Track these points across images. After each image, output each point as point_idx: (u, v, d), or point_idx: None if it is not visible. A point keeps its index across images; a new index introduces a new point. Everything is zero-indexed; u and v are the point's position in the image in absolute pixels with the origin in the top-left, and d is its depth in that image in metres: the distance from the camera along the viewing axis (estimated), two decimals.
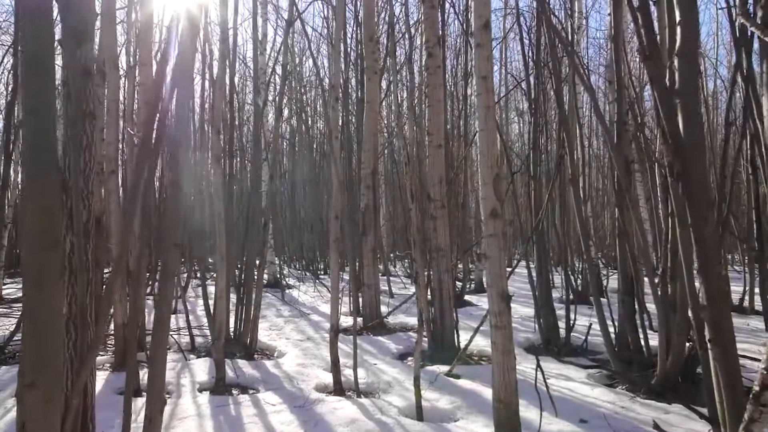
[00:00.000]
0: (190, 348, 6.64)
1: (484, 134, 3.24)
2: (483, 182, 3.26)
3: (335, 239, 4.86)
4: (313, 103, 21.52)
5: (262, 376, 5.32)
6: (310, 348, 6.54)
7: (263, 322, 8.17)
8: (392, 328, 7.95)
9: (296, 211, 19.88)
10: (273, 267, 13.44)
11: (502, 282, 3.22)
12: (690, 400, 4.54)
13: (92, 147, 2.77)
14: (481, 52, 3.18)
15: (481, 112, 3.27)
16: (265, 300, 10.50)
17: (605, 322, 5.12)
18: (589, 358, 6.24)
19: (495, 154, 3.25)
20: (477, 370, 5.53)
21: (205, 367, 5.57)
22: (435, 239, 6.01)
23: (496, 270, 3.22)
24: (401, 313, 8.41)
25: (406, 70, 6.08)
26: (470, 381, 5.10)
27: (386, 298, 10.02)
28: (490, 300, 3.26)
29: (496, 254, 3.22)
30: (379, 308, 8.24)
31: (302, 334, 7.46)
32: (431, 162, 6.03)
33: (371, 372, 5.46)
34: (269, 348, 6.78)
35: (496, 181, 3.23)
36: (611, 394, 4.72)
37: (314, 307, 9.96)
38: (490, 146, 3.24)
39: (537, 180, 5.71)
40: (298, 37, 19.02)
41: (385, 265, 13.99)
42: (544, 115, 6.03)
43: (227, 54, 5.33)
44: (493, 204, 3.23)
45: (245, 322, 6.38)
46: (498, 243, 3.23)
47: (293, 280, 14.27)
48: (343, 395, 4.77)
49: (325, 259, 17.43)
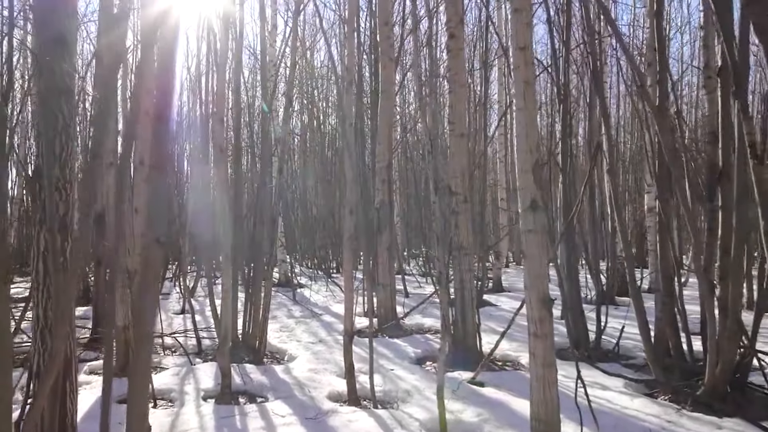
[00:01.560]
0: (196, 351, 6.28)
1: (523, 113, 2.82)
2: (521, 170, 2.84)
3: (349, 237, 4.46)
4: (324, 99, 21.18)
5: (272, 382, 4.94)
6: (323, 351, 6.16)
7: (273, 323, 7.81)
8: (409, 330, 7.55)
9: (308, 208, 19.52)
10: (284, 265, 13.09)
11: (543, 284, 2.80)
12: (743, 413, 4.12)
13: (69, 129, 2.39)
14: (519, 17, 2.75)
15: (518, 88, 2.85)
16: (275, 300, 10.14)
17: (646, 325, 4.67)
18: (622, 363, 5.79)
19: (535, 137, 2.83)
20: (502, 377, 5.12)
21: (212, 372, 5.21)
22: (457, 236, 5.59)
23: (537, 270, 2.80)
24: (417, 314, 8.00)
25: (425, 54, 5.68)
26: (496, 389, 4.69)
27: (401, 298, 9.62)
28: (529, 305, 2.85)
29: (536, 252, 2.80)
30: (394, 309, 7.84)
31: (314, 336, 7.08)
32: (453, 152, 5.61)
33: (388, 379, 5.06)
34: (279, 351, 6.41)
35: (536, 168, 2.81)
36: (654, 405, 4.27)
37: (326, 307, 9.57)
38: (529, 127, 2.81)
39: (568, 172, 5.26)
40: (309, 30, 18.67)
41: (399, 263, 13.58)
42: (576, 101, 5.55)
43: (228, 26, 4.86)
44: (533, 194, 2.81)
45: (254, 324, 6.00)
46: (538, 240, 2.81)
47: (305, 279, 13.90)
48: (359, 405, 4.37)
49: (337, 257, 17.07)
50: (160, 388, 4.74)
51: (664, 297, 5.00)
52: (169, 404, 4.53)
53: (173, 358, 5.90)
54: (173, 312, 9.02)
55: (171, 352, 6.32)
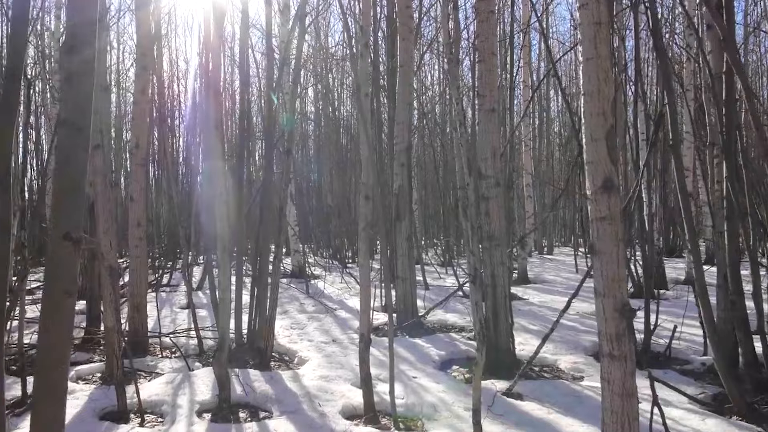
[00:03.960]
0: (197, 352, 5.70)
1: (593, 64, 2.13)
2: (591, 138, 2.15)
3: (366, 225, 3.80)
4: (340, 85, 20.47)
5: (277, 393, 4.32)
6: (336, 354, 5.54)
7: (284, 319, 7.21)
8: (430, 328, 6.90)
9: (323, 196, 18.92)
10: (298, 256, 12.50)
11: (622, 289, 2.12)
12: None
13: None
14: None
15: (587, 32, 2.16)
16: (287, 293, 9.55)
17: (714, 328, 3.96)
18: (676, 368, 5.10)
19: (610, 95, 2.14)
20: (543, 388, 4.44)
21: (210, 379, 4.58)
22: (487, 225, 4.91)
23: (613, 271, 2.12)
24: (439, 309, 7.34)
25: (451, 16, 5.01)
26: (538, 404, 4.02)
27: (420, 291, 8.95)
28: (601, 316, 2.17)
29: (611, 247, 2.13)
30: (415, 304, 7.19)
31: (327, 335, 6.46)
32: (482, 129, 4.91)
33: (410, 389, 4.42)
34: (288, 352, 5.80)
35: (610, 136, 2.12)
36: (732, 427, 3.58)
37: (341, 301, 8.95)
38: (601, 82, 2.13)
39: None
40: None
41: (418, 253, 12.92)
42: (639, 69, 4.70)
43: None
44: (606, 171, 2.13)
45: (260, 323, 5.38)
46: (614, 230, 2.13)
47: (319, 270, 13.30)
48: (377, 425, 3.74)
49: (353, 246, 16.48)
50: (150, 400, 4.15)
51: (732, 295, 4.29)
52: (158, 420, 3.94)
53: (170, 362, 5.31)
54: (179, 306, 8.47)
55: (171, 353, 5.75)
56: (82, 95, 1.27)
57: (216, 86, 3.96)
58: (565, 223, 23.74)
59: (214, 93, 3.90)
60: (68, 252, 1.12)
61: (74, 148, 1.22)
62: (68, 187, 1.19)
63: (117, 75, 19.34)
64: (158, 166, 13.69)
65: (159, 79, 9.75)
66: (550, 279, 11.57)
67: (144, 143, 6.07)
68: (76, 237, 1.14)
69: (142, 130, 6.01)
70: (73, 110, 1.24)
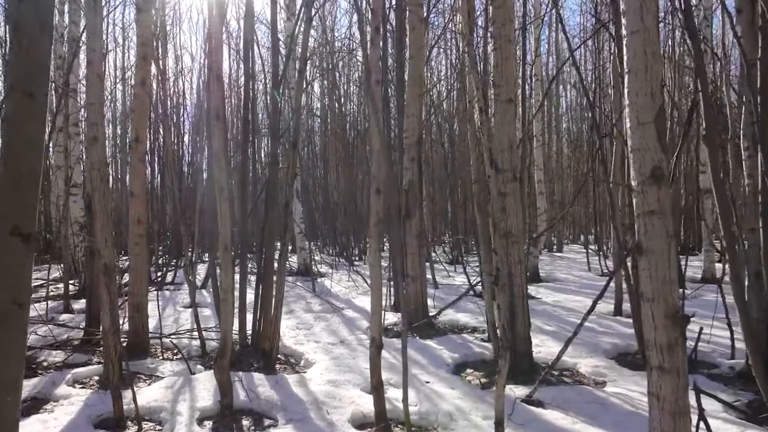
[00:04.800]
0: (200, 353, 5.47)
1: (639, 37, 1.88)
2: (638, 122, 1.90)
3: (377, 222, 3.55)
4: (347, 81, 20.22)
5: (283, 399, 4.08)
6: (344, 356, 5.30)
7: (290, 319, 6.98)
8: (441, 329, 6.65)
9: (329, 193, 18.67)
10: (304, 253, 12.27)
11: (673, 293, 1.86)
12: None
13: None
14: None
15: (632, 2, 1.90)
16: (293, 291, 9.33)
17: (751, 331, 3.68)
18: (704, 373, 4.83)
19: (658, 73, 1.88)
20: (565, 395, 4.18)
21: (212, 383, 4.34)
22: (504, 221, 4.65)
23: (663, 272, 1.86)
24: (450, 308, 7.09)
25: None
26: (562, 413, 3.77)
27: (430, 290, 8.69)
28: (649, 323, 1.91)
29: (661, 245, 1.87)
30: (425, 303, 6.94)
31: (334, 335, 6.22)
32: (499, 121, 4.65)
33: (423, 395, 4.17)
34: (294, 354, 5.57)
35: (659, 119, 1.86)
36: None
37: (348, 299, 8.71)
38: (649, 57, 1.87)
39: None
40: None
41: (427, 250, 12.66)
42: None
43: None
44: (656, 159, 1.87)
45: (265, 324, 5.15)
46: (664, 226, 1.87)
47: (325, 268, 13.07)
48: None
49: (359, 244, 16.25)
50: (148, 406, 3.93)
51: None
52: (156, 428, 3.71)
53: (172, 364, 5.09)
54: (182, 305, 8.26)
55: (172, 354, 5.53)
56: (33, 53, 1.03)
57: (218, 70, 3.71)
58: (573, 220, 23.40)
59: (216, 77, 3.66)
60: (17, 251, 0.87)
61: (26, 120, 0.98)
62: (18, 168, 0.95)
63: (122, 72, 19.19)
64: (162, 162, 13.49)
65: (163, 74, 9.55)
66: (562, 277, 11.30)
67: (144, 137, 5.85)
68: (27, 232, 0.89)
69: (142, 124, 5.79)
70: (24, 73, 1.01)
